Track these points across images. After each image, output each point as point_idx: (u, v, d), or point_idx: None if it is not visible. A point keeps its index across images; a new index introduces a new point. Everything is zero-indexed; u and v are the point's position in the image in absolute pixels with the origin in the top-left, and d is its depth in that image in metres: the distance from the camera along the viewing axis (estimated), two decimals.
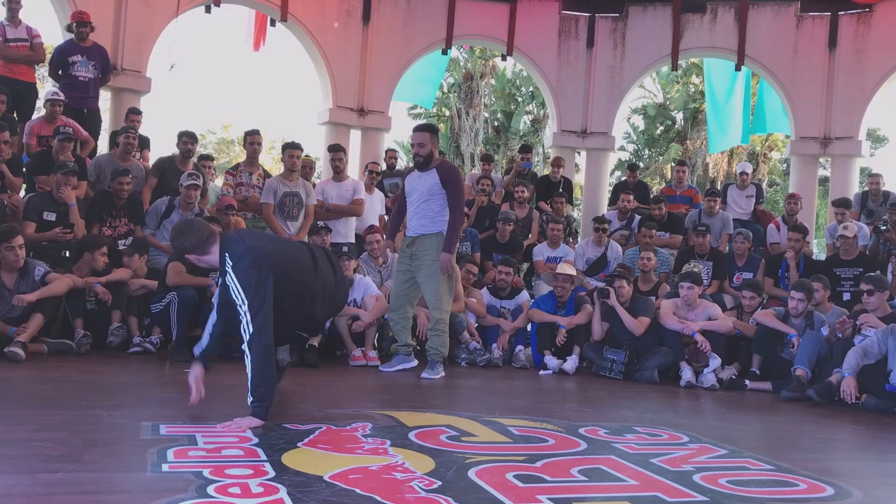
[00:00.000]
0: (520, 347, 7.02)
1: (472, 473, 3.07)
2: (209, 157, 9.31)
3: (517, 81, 26.59)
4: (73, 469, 2.80)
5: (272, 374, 3.76)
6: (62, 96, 7.75)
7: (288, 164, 7.72)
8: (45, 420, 3.58)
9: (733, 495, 3.01)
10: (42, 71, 9.46)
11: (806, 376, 5.89)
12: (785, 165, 25.40)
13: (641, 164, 25.15)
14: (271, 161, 25.63)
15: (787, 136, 13.34)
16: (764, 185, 18.70)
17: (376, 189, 8.77)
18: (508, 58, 12.69)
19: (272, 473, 2.87)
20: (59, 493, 2.52)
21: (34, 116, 8.07)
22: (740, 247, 8.10)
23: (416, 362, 6.03)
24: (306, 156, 8.49)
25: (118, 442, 3.30)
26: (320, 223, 7.30)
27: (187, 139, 7.80)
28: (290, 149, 7.76)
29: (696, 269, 7.43)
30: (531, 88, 25.37)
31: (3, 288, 5.67)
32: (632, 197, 9.34)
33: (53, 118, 7.59)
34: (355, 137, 11.66)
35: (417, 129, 6.01)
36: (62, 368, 5.21)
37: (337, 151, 8.36)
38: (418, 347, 6.46)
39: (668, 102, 27.30)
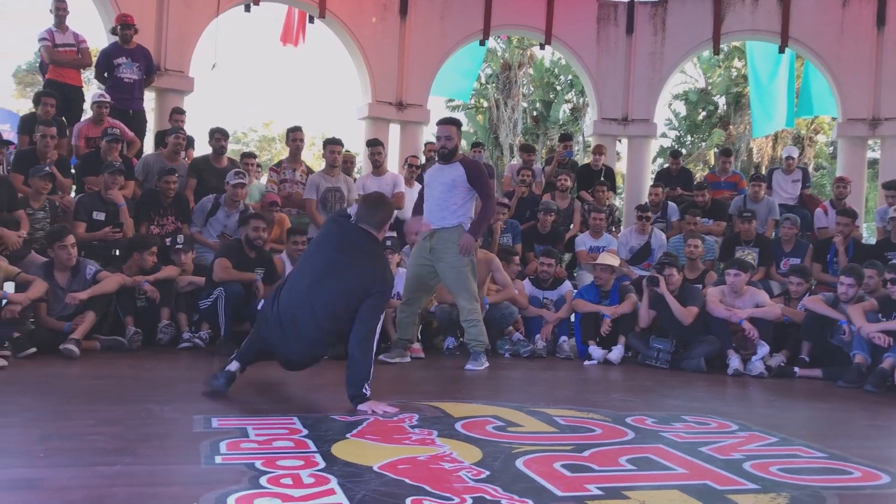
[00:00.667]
0: (563, 338, 7.00)
1: (519, 463, 3.08)
2: (252, 155, 9.42)
3: (556, 70, 26.35)
4: (129, 462, 2.87)
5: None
6: (108, 98, 7.90)
7: (329, 159, 7.79)
8: (100, 415, 3.67)
9: (785, 483, 2.97)
10: (87, 74, 9.65)
11: (866, 363, 5.79)
12: (831, 148, 24.83)
13: (684, 151, 24.82)
14: (312, 157, 25.83)
15: (834, 119, 13.07)
16: (810, 169, 18.34)
17: (416, 182, 8.80)
18: (547, 47, 12.61)
19: (322, 464, 2.91)
20: (118, 485, 2.59)
21: (81, 119, 8.24)
22: (788, 232, 7.96)
23: (409, 359, 6.01)
24: (347, 151, 8.54)
25: (171, 435, 3.37)
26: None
27: (219, 136, 7.90)
28: (331, 144, 7.84)
29: (748, 257, 7.31)
30: (570, 77, 25.14)
31: (56, 287, 5.82)
32: (660, 189, 9.20)
33: (100, 120, 7.75)
34: (394, 131, 11.71)
35: (444, 122, 5.99)
36: (115, 364, 5.34)
37: (375, 146, 8.40)
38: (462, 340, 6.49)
39: (710, 87, 26.84)
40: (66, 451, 2.98)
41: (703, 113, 27.22)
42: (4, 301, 5.38)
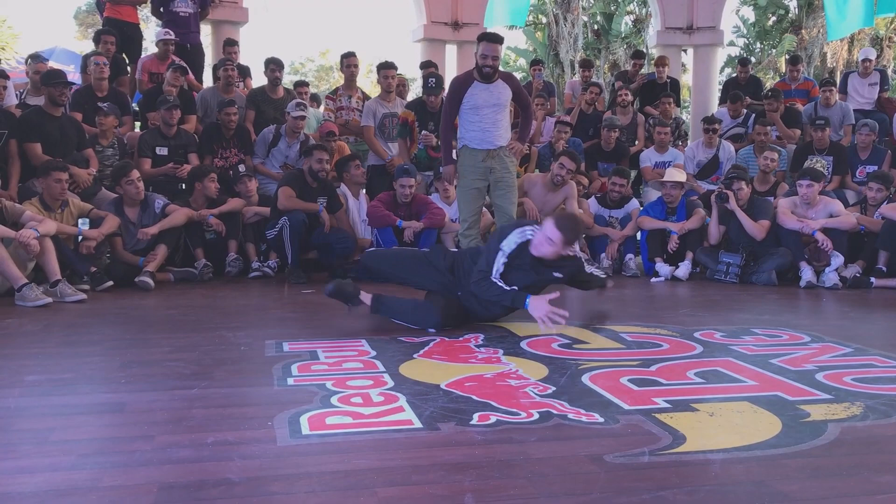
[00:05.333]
0: (629, 256, 6.90)
1: (585, 379, 3.09)
2: (305, 84, 9.41)
3: None
4: (205, 385, 2.98)
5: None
6: (173, 35, 7.92)
7: (383, 84, 7.71)
8: (177, 342, 3.81)
9: (860, 393, 2.91)
10: (145, 12, 9.67)
11: None
12: None
13: (753, 59, 23.79)
14: (370, 85, 25.67)
15: None
16: (889, 72, 17.39)
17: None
18: None
19: (391, 383, 2.97)
20: (195, 406, 2.69)
21: (143, 55, 8.32)
22: (865, 139, 7.61)
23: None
24: (400, 74, 8.43)
25: (245, 360, 3.47)
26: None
27: (274, 67, 7.88)
28: (385, 69, 7.74)
29: (818, 165, 7.02)
30: None
31: (128, 222, 5.99)
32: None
33: (165, 57, 7.80)
34: (450, 53, 11.50)
35: (491, 40, 5.72)
36: (188, 295, 5.51)
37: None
38: None
39: None
40: (147, 377, 3.11)
41: (773, 18, 25.92)
42: (80, 237, 5.57)
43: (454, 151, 5.93)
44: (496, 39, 5.75)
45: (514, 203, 5.87)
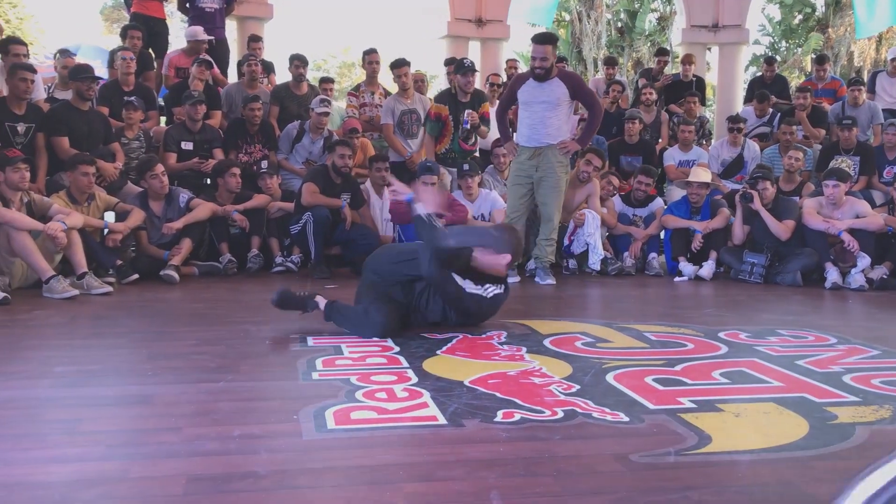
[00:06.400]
0: (653, 255, 6.86)
1: (610, 377, 3.08)
2: (330, 80, 9.42)
3: None
4: (231, 378, 3.00)
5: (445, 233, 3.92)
6: (207, 37, 7.95)
7: (399, 82, 7.72)
8: (202, 335, 3.83)
9: (889, 396, 2.88)
10: (170, 7, 9.74)
11: None
12: None
13: (779, 58, 23.54)
14: (392, 82, 25.67)
15: None
16: None
17: (498, 100, 8.64)
18: None
19: (415, 379, 2.98)
20: (222, 399, 2.71)
21: (169, 50, 8.38)
22: (892, 138, 7.50)
23: (518, 278, 6.01)
24: (417, 70, 8.41)
25: (270, 354, 3.50)
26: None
27: (298, 63, 7.90)
28: (397, 68, 7.73)
29: (843, 164, 6.94)
30: None
31: (152, 216, 6.05)
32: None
33: (194, 54, 7.84)
34: (474, 49, 11.49)
35: (540, 41, 5.77)
36: (212, 289, 5.55)
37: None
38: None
39: None
40: (173, 369, 3.14)
41: (800, 16, 25.64)
42: (106, 230, 5.62)
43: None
44: (543, 40, 5.76)
45: (556, 204, 5.88)
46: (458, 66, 7.23)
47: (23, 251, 4.97)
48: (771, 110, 8.72)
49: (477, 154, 7.89)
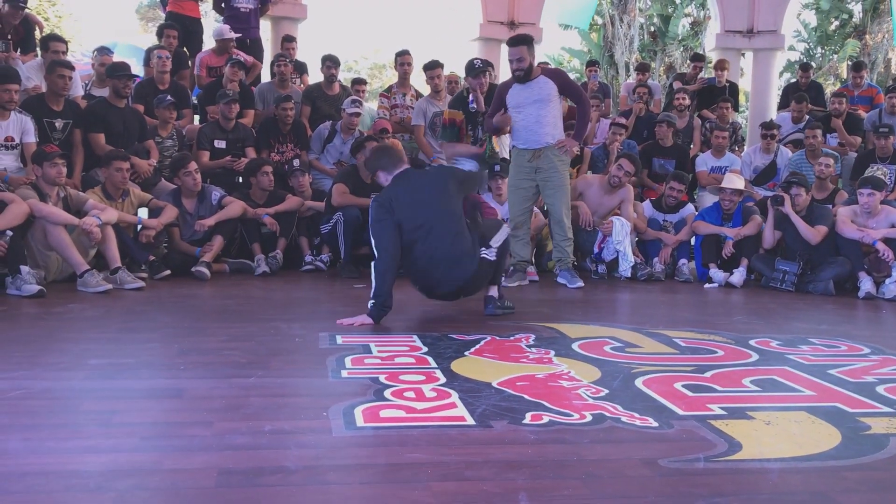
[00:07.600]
0: (683, 261, 6.80)
1: (639, 382, 3.06)
2: (362, 81, 9.46)
3: None
4: (261, 375, 3.03)
5: (381, 290, 4.09)
6: (234, 34, 8.04)
7: (431, 84, 7.73)
8: (233, 331, 3.88)
9: None
10: (205, 7, 9.86)
11: None
12: None
13: (814, 65, 23.25)
14: (424, 84, 25.70)
15: None
16: None
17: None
18: None
19: (443, 379, 2.99)
20: (252, 395, 2.73)
21: (202, 50, 8.47)
22: None
23: (528, 282, 6.03)
24: (451, 72, 8.42)
25: (299, 351, 3.52)
26: None
27: (330, 63, 7.96)
28: (430, 69, 7.75)
29: (879, 172, 6.84)
30: None
31: (185, 213, 6.12)
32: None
33: (223, 52, 7.93)
34: (506, 52, 11.45)
35: (514, 43, 5.79)
36: (243, 286, 5.60)
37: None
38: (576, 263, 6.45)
39: None
40: (204, 364, 3.17)
41: (836, 22, 25.30)
42: (140, 227, 5.70)
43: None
44: (516, 42, 5.78)
45: (564, 202, 5.86)
46: (468, 68, 6.78)
47: (59, 245, 5.06)
48: (807, 117, 8.62)
49: (507, 156, 7.87)
